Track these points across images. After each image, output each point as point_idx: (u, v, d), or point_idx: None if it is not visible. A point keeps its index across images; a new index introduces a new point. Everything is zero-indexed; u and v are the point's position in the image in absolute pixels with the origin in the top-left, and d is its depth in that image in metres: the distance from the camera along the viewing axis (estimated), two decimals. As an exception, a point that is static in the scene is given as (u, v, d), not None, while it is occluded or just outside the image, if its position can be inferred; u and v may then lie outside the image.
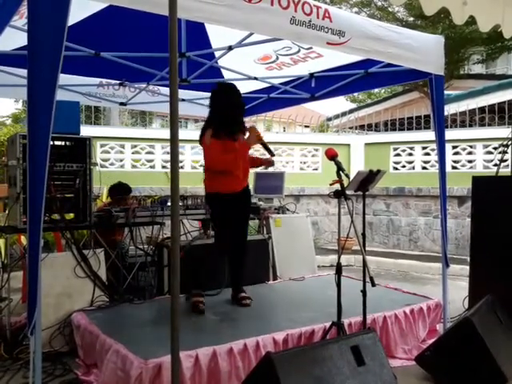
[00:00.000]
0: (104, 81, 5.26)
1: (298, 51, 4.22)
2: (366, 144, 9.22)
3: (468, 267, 4.26)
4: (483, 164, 8.03)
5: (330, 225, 9.01)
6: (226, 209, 3.64)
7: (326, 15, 2.89)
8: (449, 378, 2.97)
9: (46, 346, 3.15)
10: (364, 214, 3.24)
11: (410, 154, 8.77)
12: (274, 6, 2.65)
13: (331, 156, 2.96)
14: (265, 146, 3.72)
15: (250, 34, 3.48)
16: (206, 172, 3.73)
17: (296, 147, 9.10)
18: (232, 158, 3.52)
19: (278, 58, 4.51)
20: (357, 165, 8.80)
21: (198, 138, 3.75)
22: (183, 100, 5.60)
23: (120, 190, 4.88)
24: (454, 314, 3.95)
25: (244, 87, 5.55)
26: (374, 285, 2.68)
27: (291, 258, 5.00)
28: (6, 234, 3.64)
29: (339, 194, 2.87)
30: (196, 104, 5.89)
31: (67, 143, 3.82)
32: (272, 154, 3.80)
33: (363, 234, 3.05)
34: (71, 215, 3.84)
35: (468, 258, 4.29)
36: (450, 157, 8.02)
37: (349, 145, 9.24)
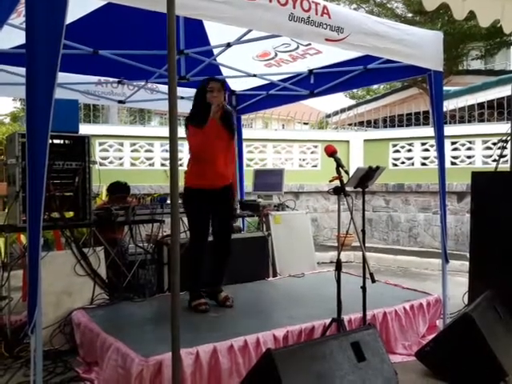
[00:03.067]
0: (102, 79, 5.26)
1: (297, 48, 4.22)
2: (365, 140, 9.21)
3: (467, 263, 4.27)
4: (482, 160, 8.03)
5: (329, 221, 9.01)
6: (201, 205, 3.55)
7: (325, 11, 2.88)
8: (449, 373, 2.97)
9: (46, 344, 3.15)
10: (363, 210, 3.24)
11: (409, 150, 8.77)
12: (272, 3, 2.65)
13: (331, 152, 2.96)
14: (223, 107, 3.53)
15: (249, 31, 3.48)
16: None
17: (295, 144, 9.09)
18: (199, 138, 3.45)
19: (276, 55, 4.51)
20: (356, 161, 8.80)
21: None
22: (182, 98, 5.59)
23: (119, 189, 4.87)
24: (454, 309, 3.96)
25: (243, 84, 5.58)
26: (373, 281, 2.68)
27: (291, 255, 5.00)
28: (5, 233, 3.64)
29: (339, 191, 2.86)
30: (195, 101, 5.88)
31: (66, 141, 3.81)
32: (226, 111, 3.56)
33: (363, 231, 3.04)
34: (71, 213, 3.84)
35: (467, 254, 4.30)
36: (449, 153, 8.01)
37: (348, 141, 9.23)
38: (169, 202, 4.08)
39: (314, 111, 11.64)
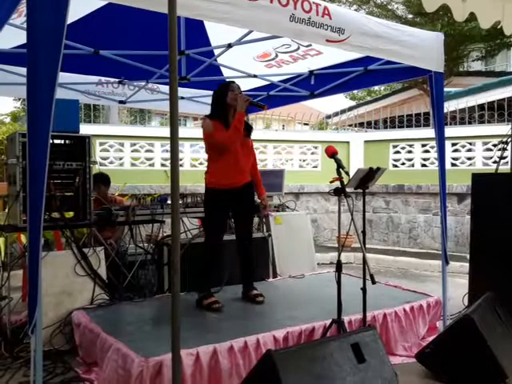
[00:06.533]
0: (103, 79, 5.26)
1: (298, 48, 4.22)
2: (366, 141, 9.21)
3: (467, 264, 4.27)
4: (482, 161, 8.02)
5: (329, 222, 9.01)
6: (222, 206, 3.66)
7: (326, 12, 2.88)
8: (449, 374, 2.97)
9: (46, 344, 3.15)
10: (364, 211, 3.24)
11: (410, 152, 8.76)
12: (273, 4, 2.65)
13: (331, 153, 2.96)
14: (253, 103, 3.68)
15: (250, 32, 3.48)
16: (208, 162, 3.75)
17: (295, 145, 9.09)
18: (227, 133, 3.52)
19: (277, 56, 4.51)
20: (356, 162, 8.80)
21: (197, 135, 3.75)
22: (182, 98, 5.59)
23: (96, 180, 4.44)
24: (454, 311, 3.96)
25: (243, 85, 5.54)
26: (374, 282, 2.68)
27: (291, 256, 5.00)
28: (5, 233, 3.64)
29: (339, 192, 2.86)
30: (195, 102, 5.89)
31: (66, 141, 3.81)
32: (261, 107, 3.81)
33: (363, 232, 3.04)
34: (71, 213, 3.84)
35: (467, 255, 4.30)
36: (449, 154, 8.01)
37: (348, 142, 9.23)
38: (169, 202, 4.07)
39: (314, 112, 11.66)
